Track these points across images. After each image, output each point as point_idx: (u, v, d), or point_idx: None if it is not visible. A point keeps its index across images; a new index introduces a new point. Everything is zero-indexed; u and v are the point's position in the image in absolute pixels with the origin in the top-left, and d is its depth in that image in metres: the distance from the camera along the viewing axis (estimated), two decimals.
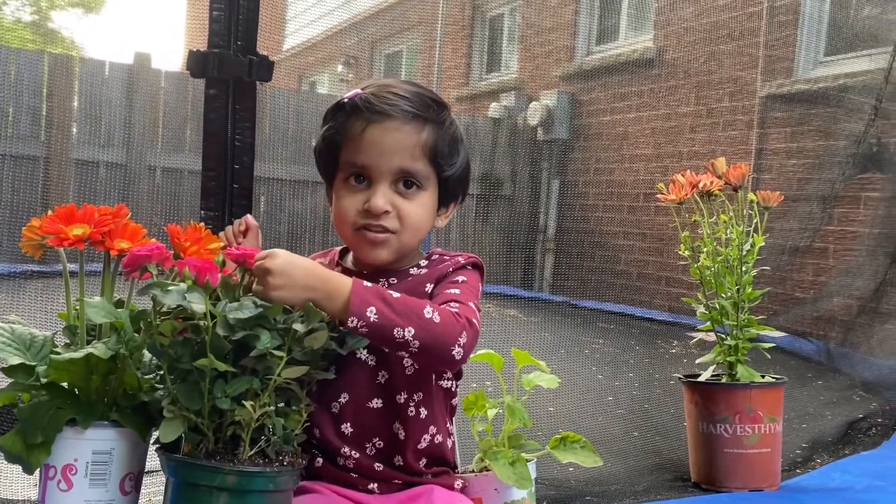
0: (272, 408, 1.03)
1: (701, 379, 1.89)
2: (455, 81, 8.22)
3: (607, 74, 6.41)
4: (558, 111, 6.70)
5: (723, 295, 1.86)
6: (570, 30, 6.90)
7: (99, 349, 1.09)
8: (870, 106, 3.15)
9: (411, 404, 1.17)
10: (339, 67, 8.69)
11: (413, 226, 1.17)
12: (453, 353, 1.05)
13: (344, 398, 1.16)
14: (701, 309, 1.91)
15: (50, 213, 1.16)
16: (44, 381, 1.10)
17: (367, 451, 1.16)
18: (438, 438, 1.20)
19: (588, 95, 6.69)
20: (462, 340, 1.05)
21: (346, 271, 1.23)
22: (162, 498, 1.08)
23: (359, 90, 1.20)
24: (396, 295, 1.05)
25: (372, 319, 1.02)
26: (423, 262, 1.23)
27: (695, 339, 2.03)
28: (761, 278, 1.90)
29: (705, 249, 1.88)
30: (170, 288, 1.03)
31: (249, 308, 1.02)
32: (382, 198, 1.15)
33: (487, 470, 1.22)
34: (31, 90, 5.66)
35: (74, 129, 5.88)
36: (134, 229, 1.17)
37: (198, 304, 0.97)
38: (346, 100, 1.19)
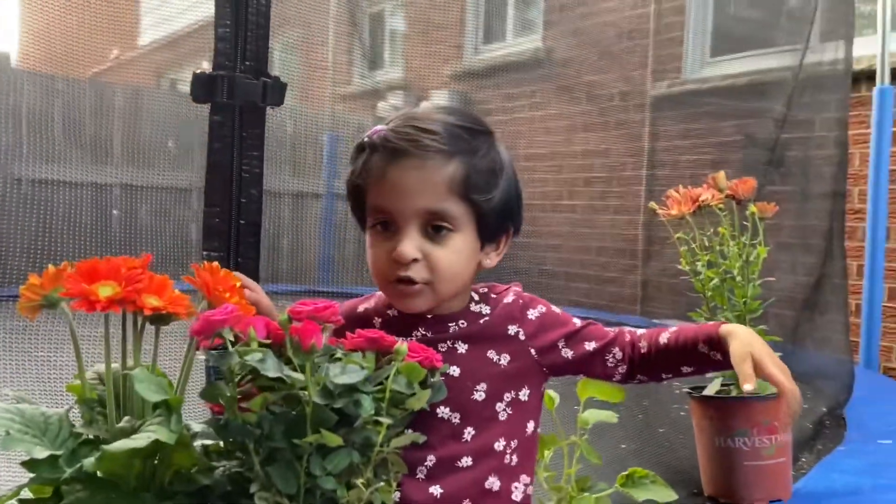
0: (380, 484, 0.91)
1: (707, 392, 1.90)
2: (339, 78, 8.03)
3: (497, 74, 6.44)
4: None
5: (723, 306, 1.88)
6: (457, 28, 6.88)
7: (162, 433, 0.93)
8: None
9: (508, 451, 1.09)
10: None
11: (447, 275, 1.06)
12: None
13: (431, 460, 1.06)
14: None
15: (52, 267, 0.99)
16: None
17: None
18: (530, 489, 1.13)
19: (479, 94, 6.70)
20: None
21: (402, 317, 1.12)
22: None
23: (380, 126, 1.08)
24: None
25: None
26: (476, 297, 1.14)
27: None
28: (768, 290, 1.93)
29: (700, 264, 1.89)
30: (264, 358, 0.89)
31: (356, 371, 0.89)
32: (409, 244, 1.03)
33: None
34: None
35: None
36: (160, 281, 1.01)
37: (296, 371, 0.84)
38: (366, 139, 1.08)
